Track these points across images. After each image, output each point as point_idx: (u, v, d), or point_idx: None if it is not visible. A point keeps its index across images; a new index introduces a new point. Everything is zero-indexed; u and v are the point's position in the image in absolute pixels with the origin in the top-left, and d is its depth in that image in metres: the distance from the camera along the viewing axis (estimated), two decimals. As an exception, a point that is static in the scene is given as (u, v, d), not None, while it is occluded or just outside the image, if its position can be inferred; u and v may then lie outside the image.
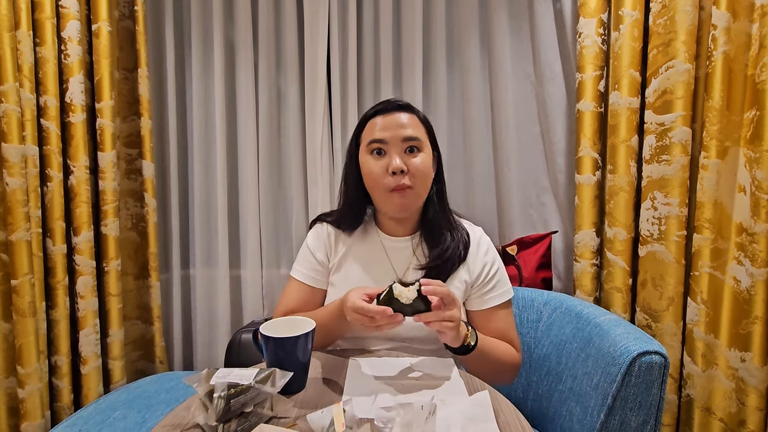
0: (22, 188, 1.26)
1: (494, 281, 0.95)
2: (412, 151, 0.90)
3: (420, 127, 0.92)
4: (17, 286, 1.25)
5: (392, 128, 0.89)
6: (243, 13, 1.66)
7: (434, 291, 0.73)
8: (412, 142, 0.89)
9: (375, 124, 0.91)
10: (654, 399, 0.86)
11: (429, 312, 0.74)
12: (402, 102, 0.93)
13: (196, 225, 1.74)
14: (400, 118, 0.90)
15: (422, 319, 0.75)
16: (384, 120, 0.91)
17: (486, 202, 1.70)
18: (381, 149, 0.90)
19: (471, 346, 0.83)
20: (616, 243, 1.34)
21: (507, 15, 1.63)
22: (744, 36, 1.10)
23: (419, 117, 0.94)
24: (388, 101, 0.94)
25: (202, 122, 1.72)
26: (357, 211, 0.98)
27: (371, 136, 0.91)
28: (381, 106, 0.93)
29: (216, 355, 1.73)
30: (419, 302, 0.74)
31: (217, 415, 0.61)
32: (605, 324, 0.97)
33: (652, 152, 1.27)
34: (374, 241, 0.99)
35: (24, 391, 1.27)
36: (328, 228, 1.01)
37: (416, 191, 0.90)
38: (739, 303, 1.10)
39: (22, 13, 1.28)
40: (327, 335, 0.90)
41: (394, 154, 0.88)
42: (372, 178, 0.91)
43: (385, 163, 0.89)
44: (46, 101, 1.35)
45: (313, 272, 0.99)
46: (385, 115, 0.91)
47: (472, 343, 0.83)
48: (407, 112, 0.92)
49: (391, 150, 0.89)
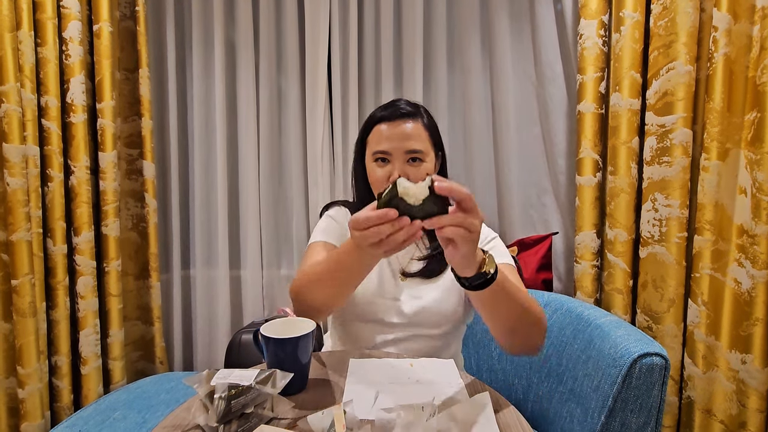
0: (23, 188, 1.26)
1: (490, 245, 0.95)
2: (414, 161, 0.92)
3: (424, 136, 0.94)
4: (18, 286, 1.25)
5: (396, 140, 0.91)
6: (244, 14, 1.66)
7: (451, 189, 0.57)
8: (414, 154, 0.92)
9: (380, 132, 0.93)
10: (655, 401, 0.86)
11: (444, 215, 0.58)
12: (407, 109, 0.94)
13: (196, 225, 1.74)
14: (405, 128, 0.92)
15: (435, 224, 0.58)
16: (389, 130, 0.92)
17: (487, 203, 1.70)
18: (385, 158, 0.93)
19: (490, 274, 0.66)
20: (617, 244, 1.34)
21: (508, 16, 1.63)
22: (745, 38, 1.10)
23: (424, 123, 0.95)
24: (395, 106, 0.95)
25: (203, 122, 1.72)
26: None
27: (376, 146, 0.93)
28: (387, 112, 0.94)
29: (216, 355, 1.73)
30: (431, 204, 0.57)
31: (217, 416, 0.61)
32: (606, 325, 0.97)
33: (653, 154, 1.26)
34: None
35: (24, 391, 1.27)
36: (345, 210, 1.03)
37: None
38: (739, 305, 1.09)
39: (24, 13, 1.28)
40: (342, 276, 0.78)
41: (396, 164, 0.91)
42: (374, 183, 0.94)
43: (387, 171, 0.92)
44: (47, 101, 1.35)
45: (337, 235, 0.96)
46: (390, 123, 0.93)
47: (491, 271, 0.66)
48: (412, 120, 0.93)
49: (394, 160, 0.92)
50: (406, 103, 0.95)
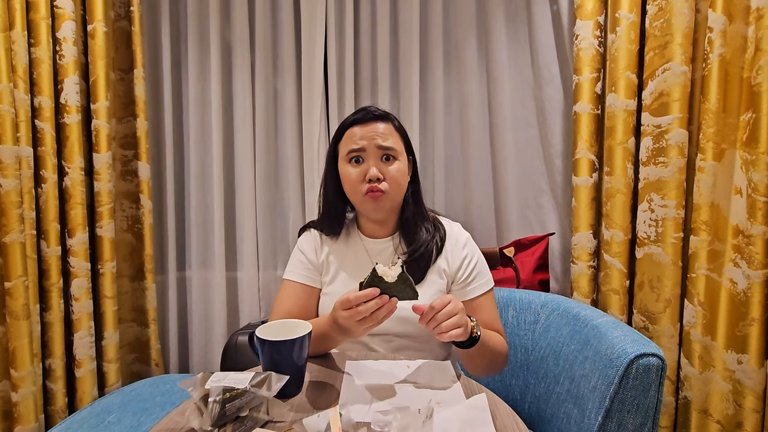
0: (17, 190, 1.25)
1: (475, 272, 1.00)
2: (388, 159, 0.95)
3: (395, 136, 0.97)
4: (11, 289, 1.24)
5: (369, 137, 0.94)
6: (240, 14, 1.66)
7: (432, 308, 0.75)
8: (388, 151, 0.95)
9: (353, 134, 0.96)
10: (651, 401, 0.86)
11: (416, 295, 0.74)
12: (378, 111, 0.97)
13: (192, 227, 1.73)
14: (377, 127, 0.95)
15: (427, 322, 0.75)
16: (362, 130, 0.96)
17: (483, 204, 1.70)
18: (359, 157, 0.95)
19: (477, 336, 0.83)
20: (613, 245, 1.34)
21: (504, 17, 1.63)
22: (740, 39, 1.10)
23: (395, 125, 0.98)
24: (366, 110, 0.98)
25: (199, 123, 1.71)
26: (336, 214, 1.03)
27: (350, 146, 0.96)
28: (359, 116, 0.97)
29: (212, 357, 1.72)
30: (403, 282, 0.72)
31: (212, 419, 0.60)
32: (603, 326, 0.97)
33: (649, 154, 1.27)
34: (357, 244, 1.04)
35: (17, 394, 1.26)
36: (314, 233, 1.07)
37: (390, 196, 0.95)
38: (735, 305, 1.10)
39: (17, 13, 1.27)
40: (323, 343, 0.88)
41: (371, 162, 0.94)
42: (350, 184, 0.96)
43: (362, 170, 0.94)
44: (41, 102, 1.34)
45: (306, 272, 1.02)
46: (363, 125, 0.96)
47: (479, 333, 0.83)
48: (383, 122, 0.97)
49: (368, 158, 0.94)
50: (375, 109, 0.99)
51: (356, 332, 0.75)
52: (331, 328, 0.80)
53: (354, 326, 0.73)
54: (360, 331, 0.75)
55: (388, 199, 0.95)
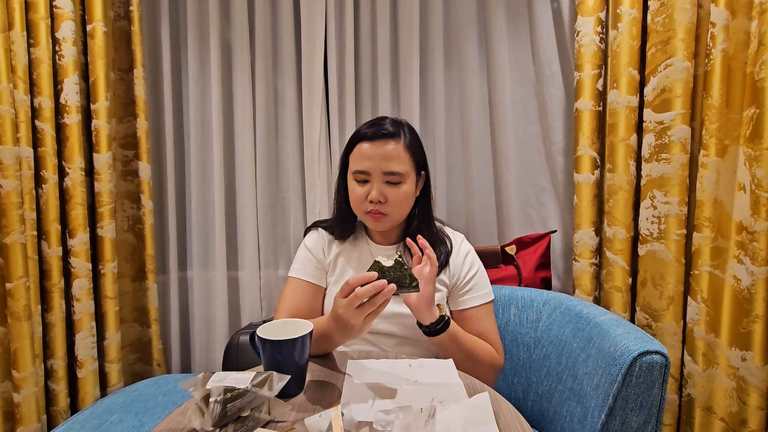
0: (17, 190, 1.25)
1: (472, 283, 1.01)
2: (392, 183, 0.95)
3: (404, 156, 0.96)
4: (12, 290, 1.24)
5: (376, 159, 0.94)
6: (239, 14, 1.65)
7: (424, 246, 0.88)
8: (392, 177, 0.95)
9: (362, 151, 0.96)
10: (655, 399, 0.85)
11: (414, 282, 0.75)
12: (389, 129, 0.96)
13: (193, 227, 1.73)
14: (386, 149, 0.94)
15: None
16: (370, 149, 0.95)
17: (485, 202, 1.70)
18: (365, 179, 0.96)
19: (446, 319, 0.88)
20: (616, 242, 1.33)
21: (505, 14, 1.62)
22: (743, 34, 1.09)
23: (405, 144, 0.97)
24: (378, 124, 0.97)
25: (199, 123, 1.71)
26: (348, 221, 1.06)
27: (357, 165, 0.96)
28: (370, 132, 0.96)
29: (214, 357, 1.72)
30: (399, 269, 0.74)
31: (213, 419, 0.60)
32: (605, 324, 0.96)
33: (651, 151, 1.26)
34: (363, 248, 1.06)
35: (19, 395, 1.26)
36: (323, 232, 1.08)
37: (391, 217, 0.97)
38: (739, 302, 1.09)
39: (16, 13, 1.27)
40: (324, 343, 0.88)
41: (375, 185, 0.95)
42: (354, 200, 0.99)
43: (366, 190, 0.96)
44: (41, 102, 1.33)
45: (313, 269, 1.03)
46: (372, 143, 0.95)
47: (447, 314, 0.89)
48: (394, 140, 0.95)
49: (373, 180, 0.95)
50: (390, 122, 0.97)
51: (355, 325, 0.73)
52: (332, 326, 0.79)
53: (353, 316, 0.72)
54: (359, 322, 0.73)
55: (388, 220, 0.97)
